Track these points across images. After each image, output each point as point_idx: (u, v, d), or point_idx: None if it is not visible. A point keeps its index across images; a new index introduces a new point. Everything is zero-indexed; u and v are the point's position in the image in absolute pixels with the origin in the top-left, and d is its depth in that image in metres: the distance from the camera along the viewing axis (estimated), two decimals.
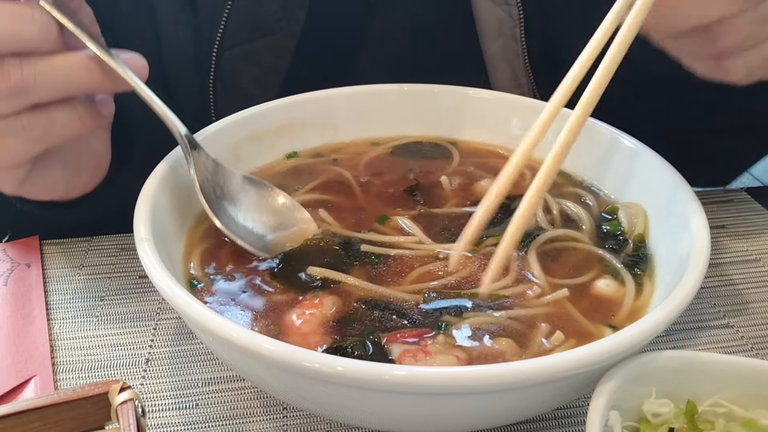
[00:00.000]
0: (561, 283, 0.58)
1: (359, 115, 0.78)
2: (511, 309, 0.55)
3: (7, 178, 0.60)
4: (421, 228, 0.65)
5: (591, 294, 0.58)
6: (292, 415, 0.58)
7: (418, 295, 0.57)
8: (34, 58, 0.54)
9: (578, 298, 0.57)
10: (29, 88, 0.53)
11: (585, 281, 0.59)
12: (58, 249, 0.77)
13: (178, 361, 0.63)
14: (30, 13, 0.53)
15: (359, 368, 0.42)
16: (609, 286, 0.58)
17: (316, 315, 0.54)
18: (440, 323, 0.53)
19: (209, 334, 0.45)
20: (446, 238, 0.63)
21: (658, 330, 0.45)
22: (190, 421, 0.58)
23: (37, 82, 0.53)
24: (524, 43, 0.84)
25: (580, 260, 0.62)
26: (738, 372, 0.47)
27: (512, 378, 0.41)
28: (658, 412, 0.47)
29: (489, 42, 0.85)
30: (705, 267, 0.50)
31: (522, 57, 0.85)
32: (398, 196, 0.70)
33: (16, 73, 0.52)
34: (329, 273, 0.58)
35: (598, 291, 0.58)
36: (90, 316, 0.68)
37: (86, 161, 0.66)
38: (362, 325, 0.54)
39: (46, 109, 0.56)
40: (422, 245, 0.63)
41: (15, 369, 0.61)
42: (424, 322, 0.54)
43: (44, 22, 0.53)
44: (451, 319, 0.54)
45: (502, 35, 0.84)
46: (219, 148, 0.68)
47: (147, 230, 0.53)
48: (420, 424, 0.49)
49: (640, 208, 0.65)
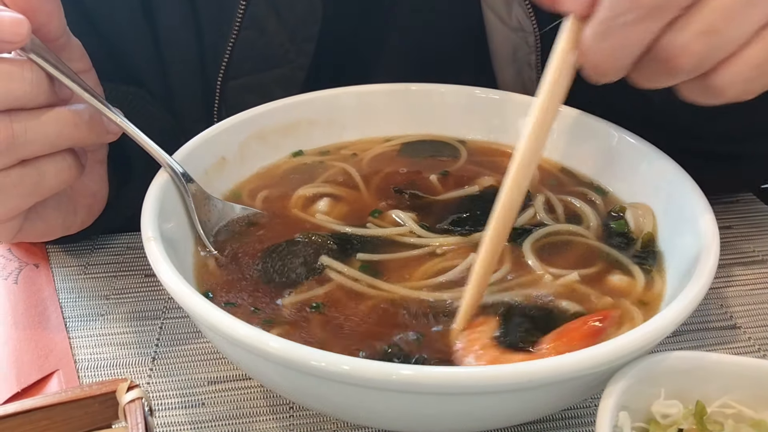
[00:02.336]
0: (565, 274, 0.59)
1: (366, 114, 0.77)
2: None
3: (1, 231, 0.60)
4: (417, 221, 0.65)
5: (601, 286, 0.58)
6: (299, 414, 0.58)
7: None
8: (24, 114, 0.53)
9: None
10: (19, 145, 0.53)
11: (592, 272, 0.59)
12: (63, 249, 0.77)
13: (184, 360, 0.63)
14: (20, 72, 0.52)
15: (366, 367, 0.41)
16: (620, 279, 0.58)
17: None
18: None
19: (216, 332, 0.45)
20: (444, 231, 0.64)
21: (667, 330, 0.45)
22: (196, 420, 0.58)
23: (27, 138, 0.53)
24: (540, 71, 0.81)
25: (583, 255, 0.62)
26: (747, 373, 0.47)
27: (520, 378, 0.41)
28: (667, 413, 0.46)
29: (502, 67, 0.84)
30: (714, 268, 0.50)
31: (537, 84, 0.83)
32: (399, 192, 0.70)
33: (6, 130, 0.52)
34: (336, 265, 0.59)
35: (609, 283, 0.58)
36: (96, 315, 0.68)
37: (82, 201, 0.66)
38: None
39: (35, 163, 0.55)
40: (419, 238, 0.63)
41: (36, 363, 0.61)
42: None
43: (35, 79, 0.53)
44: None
45: (517, 61, 0.82)
46: (226, 147, 0.69)
47: (154, 229, 0.53)
48: (427, 424, 0.49)
49: (648, 208, 0.65)
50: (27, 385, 0.59)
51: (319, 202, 0.68)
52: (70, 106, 0.56)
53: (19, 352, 0.62)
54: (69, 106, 0.56)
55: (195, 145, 0.65)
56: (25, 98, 0.53)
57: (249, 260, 0.60)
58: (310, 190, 0.70)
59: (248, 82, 0.80)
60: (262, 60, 0.79)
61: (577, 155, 0.73)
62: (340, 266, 0.59)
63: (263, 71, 0.80)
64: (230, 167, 0.69)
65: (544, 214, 0.66)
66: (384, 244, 0.63)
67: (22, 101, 0.53)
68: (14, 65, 0.52)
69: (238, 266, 0.59)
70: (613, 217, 0.66)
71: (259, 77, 0.80)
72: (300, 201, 0.69)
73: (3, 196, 0.55)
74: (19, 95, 0.52)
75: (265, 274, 0.59)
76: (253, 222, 0.65)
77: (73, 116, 0.55)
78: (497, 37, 0.82)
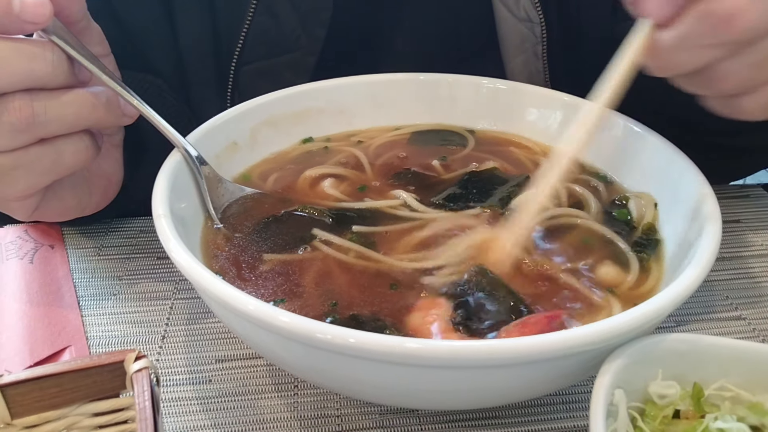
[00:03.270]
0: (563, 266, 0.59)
1: (375, 103, 0.78)
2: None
3: (19, 208, 0.61)
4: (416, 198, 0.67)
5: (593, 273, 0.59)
6: (303, 393, 0.59)
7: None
8: (44, 93, 0.54)
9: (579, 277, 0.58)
10: (39, 124, 0.54)
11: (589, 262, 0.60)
12: (78, 231, 0.79)
13: (193, 339, 0.65)
14: (42, 52, 0.54)
15: (371, 340, 0.42)
16: (611, 267, 0.59)
17: None
18: None
19: (223, 306, 0.46)
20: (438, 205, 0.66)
21: (665, 311, 0.46)
22: (204, 395, 0.59)
23: (47, 117, 0.54)
24: (545, 61, 0.84)
25: (582, 239, 0.62)
26: (745, 356, 0.47)
27: (520, 352, 0.42)
28: (664, 393, 0.47)
29: (511, 56, 0.86)
30: (715, 250, 0.51)
31: (543, 74, 0.85)
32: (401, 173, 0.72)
33: (26, 109, 0.53)
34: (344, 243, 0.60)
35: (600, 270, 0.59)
36: (109, 294, 0.70)
37: (97, 183, 0.68)
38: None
39: (53, 142, 0.57)
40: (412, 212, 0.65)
41: (49, 339, 0.63)
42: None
43: (56, 59, 0.54)
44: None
45: (524, 51, 0.84)
46: (237, 132, 0.70)
47: (165, 207, 0.54)
48: (428, 400, 0.50)
49: (650, 197, 0.66)
50: (39, 360, 0.61)
51: (324, 182, 0.69)
52: (89, 89, 0.57)
53: (32, 328, 0.64)
54: (88, 88, 0.57)
55: (207, 129, 0.67)
56: (46, 78, 0.54)
57: (254, 238, 0.62)
58: (317, 171, 0.71)
59: (260, 68, 0.81)
60: (274, 45, 0.81)
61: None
62: (331, 237, 0.61)
63: (275, 57, 0.81)
64: (241, 152, 0.71)
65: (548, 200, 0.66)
66: (380, 219, 0.64)
67: (43, 81, 0.54)
68: (36, 46, 0.54)
69: (245, 245, 0.61)
70: (616, 205, 0.67)
71: (270, 62, 0.81)
72: (307, 181, 0.70)
73: (22, 173, 0.56)
74: (40, 75, 0.54)
75: (262, 243, 0.61)
76: (261, 203, 0.66)
77: (92, 98, 0.57)
78: (505, 27, 0.83)
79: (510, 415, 0.57)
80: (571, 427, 0.56)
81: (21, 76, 0.53)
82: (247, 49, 0.80)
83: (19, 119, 0.53)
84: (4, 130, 0.53)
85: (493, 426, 0.56)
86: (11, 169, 0.56)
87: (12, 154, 0.55)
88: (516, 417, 0.57)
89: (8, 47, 0.52)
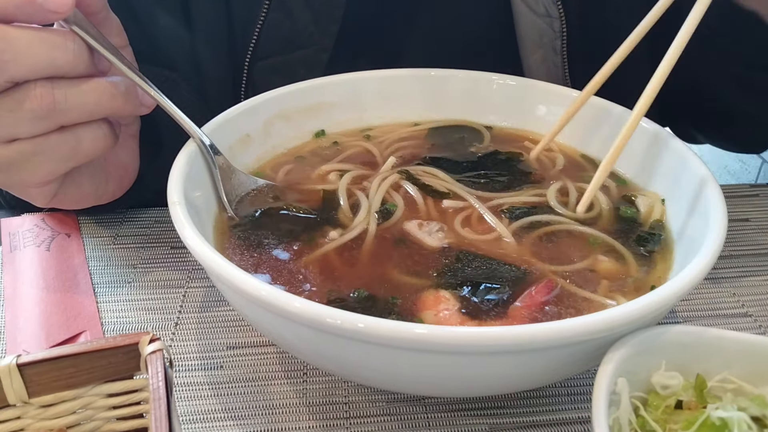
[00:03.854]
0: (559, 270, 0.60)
1: (387, 98, 0.79)
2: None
3: (38, 194, 0.63)
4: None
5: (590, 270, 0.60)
6: (312, 380, 0.60)
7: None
8: (65, 82, 0.56)
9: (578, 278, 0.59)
10: (59, 111, 0.56)
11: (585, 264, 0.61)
12: (94, 220, 0.80)
13: (205, 326, 0.66)
14: (63, 41, 0.55)
15: (380, 325, 0.43)
16: (610, 264, 0.60)
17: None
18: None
19: (235, 291, 0.48)
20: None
21: (668, 302, 0.46)
22: (215, 381, 0.60)
23: (67, 105, 0.56)
24: (565, 56, 0.84)
25: (575, 243, 0.63)
26: (748, 349, 0.48)
27: (526, 339, 0.43)
28: (667, 384, 0.47)
29: (529, 52, 0.86)
30: (719, 244, 0.51)
31: (562, 69, 0.85)
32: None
33: (47, 97, 0.55)
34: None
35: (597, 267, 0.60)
36: (123, 282, 0.71)
37: (114, 172, 0.69)
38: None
39: (73, 130, 0.58)
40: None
41: (65, 324, 0.65)
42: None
43: (77, 49, 0.56)
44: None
45: (543, 46, 0.84)
46: (251, 123, 0.71)
47: (179, 194, 0.56)
48: (434, 387, 0.51)
49: (656, 195, 0.67)
50: (55, 344, 0.62)
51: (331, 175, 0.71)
52: (108, 78, 0.59)
53: (48, 314, 0.66)
54: (107, 78, 0.59)
55: (221, 122, 0.68)
56: (67, 67, 0.56)
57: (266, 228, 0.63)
58: (331, 167, 0.72)
59: (274, 63, 0.82)
60: (287, 41, 0.82)
61: (595, 141, 0.74)
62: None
63: (289, 52, 0.82)
64: (254, 144, 0.72)
65: (555, 202, 0.67)
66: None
67: (64, 70, 0.56)
68: (58, 35, 0.55)
69: (256, 235, 0.62)
70: (625, 203, 0.67)
71: (284, 59, 0.82)
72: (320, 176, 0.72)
73: (42, 159, 0.58)
74: (61, 64, 0.55)
75: (274, 233, 0.62)
76: (274, 194, 0.67)
77: (111, 87, 0.58)
78: (524, 22, 0.83)
79: (515, 405, 0.58)
80: (576, 418, 0.57)
81: (43, 64, 0.54)
82: (260, 45, 0.82)
83: (40, 106, 0.54)
84: (26, 117, 0.55)
85: (498, 416, 0.57)
86: (32, 155, 0.57)
87: (33, 140, 0.57)
88: (521, 407, 0.58)
89: (31, 36, 0.53)
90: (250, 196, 0.67)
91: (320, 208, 0.66)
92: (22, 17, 0.53)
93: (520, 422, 0.57)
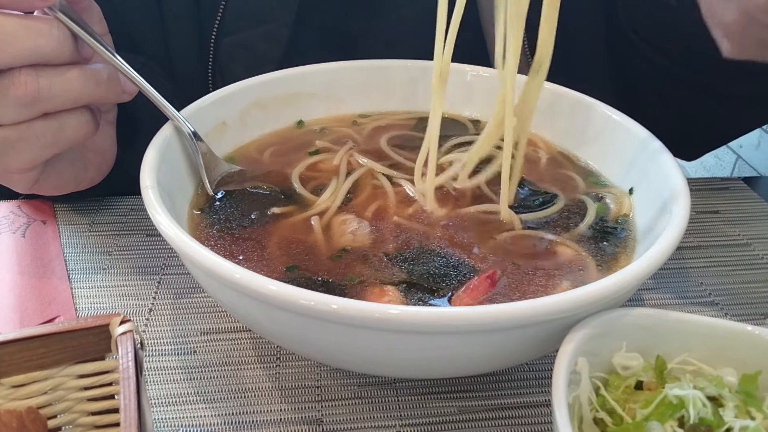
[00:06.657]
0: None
1: (362, 89, 0.80)
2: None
3: (20, 180, 0.64)
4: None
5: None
6: (285, 364, 0.61)
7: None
8: (49, 69, 0.56)
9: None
10: (44, 99, 0.56)
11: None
12: (70, 207, 0.80)
13: (179, 312, 0.66)
14: (48, 29, 0.55)
15: (353, 306, 0.44)
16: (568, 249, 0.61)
17: None
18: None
19: (208, 274, 0.48)
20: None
21: (629, 285, 0.47)
22: (188, 365, 0.61)
23: (51, 93, 0.56)
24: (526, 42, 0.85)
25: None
26: (708, 332, 0.49)
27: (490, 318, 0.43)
28: (627, 365, 0.49)
29: (489, 30, 0.87)
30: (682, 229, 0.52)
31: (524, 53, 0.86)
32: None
33: (32, 84, 0.55)
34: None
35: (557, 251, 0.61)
36: (98, 269, 0.71)
37: (93, 158, 0.70)
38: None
39: (56, 117, 0.59)
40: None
41: (39, 309, 0.65)
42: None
43: (61, 36, 0.56)
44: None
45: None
46: (226, 112, 0.71)
47: (152, 179, 0.56)
48: (404, 368, 0.52)
49: (623, 191, 0.68)
50: None
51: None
52: (91, 66, 0.59)
53: (23, 299, 0.66)
54: (90, 65, 0.59)
55: (196, 109, 0.68)
56: (51, 54, 0.56)
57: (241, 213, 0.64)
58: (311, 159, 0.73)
59: (237, 40, 0.84)
60: (251, 16, 0.83)
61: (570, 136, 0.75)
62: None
63: (251, 28, 0.84)
64: (230, 132, 0.73)
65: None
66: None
67: (48, 57, 0.56)
68: (43, 23, 0.56)
69: (231, 220, 0.62)
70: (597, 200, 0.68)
71: (247, 34, 0.84)
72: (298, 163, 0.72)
73: (25, 145, 0.58)
74: (46, 51, 0.56)
75: (247, 217, 0.63)
76: (249, 180, 0.68)
77: (94, 75, 0.59)
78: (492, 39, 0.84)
79: (483, 388, 0.59)
80: (543, 401, 0.58)
81: (28, 51, 0.55)
82: (226, 21, 0.83)
83: (25, 93, 0.55)
84: (10, 103, 0.55)
85: (467, 398, 0.58)
86: (16, 141, 0.58)
87: (17, 127, 0.57)
88: (489, 390, 0.59)
89: (16, 23, 0.54)
90: (226, 181, 0.67)
91: (288, 192, 0.67)
92: (7, 4, 0.54)
93: (489, 405, 0.58)
